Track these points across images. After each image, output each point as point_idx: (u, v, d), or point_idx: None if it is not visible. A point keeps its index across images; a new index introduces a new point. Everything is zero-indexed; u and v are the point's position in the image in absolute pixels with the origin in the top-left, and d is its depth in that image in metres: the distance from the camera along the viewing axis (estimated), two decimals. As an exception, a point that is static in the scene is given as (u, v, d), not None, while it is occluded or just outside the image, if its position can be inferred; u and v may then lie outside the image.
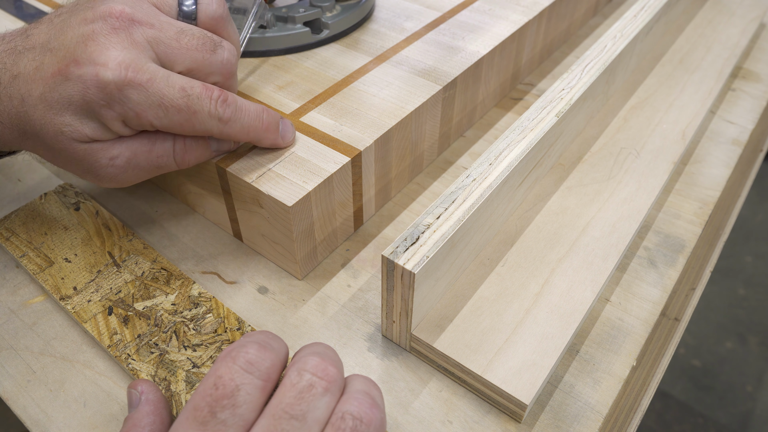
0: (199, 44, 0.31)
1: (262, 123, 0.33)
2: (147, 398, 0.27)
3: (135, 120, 0.30)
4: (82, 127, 0.30)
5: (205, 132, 0.31)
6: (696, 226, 0.41)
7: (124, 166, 0.31)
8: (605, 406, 0.31)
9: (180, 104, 0.30)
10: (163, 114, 0.30)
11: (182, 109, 0.30)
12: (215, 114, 0.31)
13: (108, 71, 0.28)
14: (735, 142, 0.48)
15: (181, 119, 0.30)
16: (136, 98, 0.29)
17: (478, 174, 0.33)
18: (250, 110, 0.32)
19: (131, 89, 0.29)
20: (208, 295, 0.35)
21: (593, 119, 0.46)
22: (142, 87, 0.29)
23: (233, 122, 0.32)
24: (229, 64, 0.33)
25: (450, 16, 0.49)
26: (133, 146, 0.31)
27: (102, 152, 0.31)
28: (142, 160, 0.32)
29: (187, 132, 0.31)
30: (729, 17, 0.59)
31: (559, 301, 0.33)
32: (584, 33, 0.60)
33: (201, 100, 0.30)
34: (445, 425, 0.30)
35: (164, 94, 0.29)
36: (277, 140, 0.34)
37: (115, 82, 0.28)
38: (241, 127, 0.32)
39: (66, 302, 0.34)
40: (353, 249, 0.39)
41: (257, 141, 0.34)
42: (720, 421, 1.14)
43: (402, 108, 0.39)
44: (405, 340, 0.33)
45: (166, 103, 0.29)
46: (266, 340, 0.24)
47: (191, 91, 0.30)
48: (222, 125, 0.31)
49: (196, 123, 0.31)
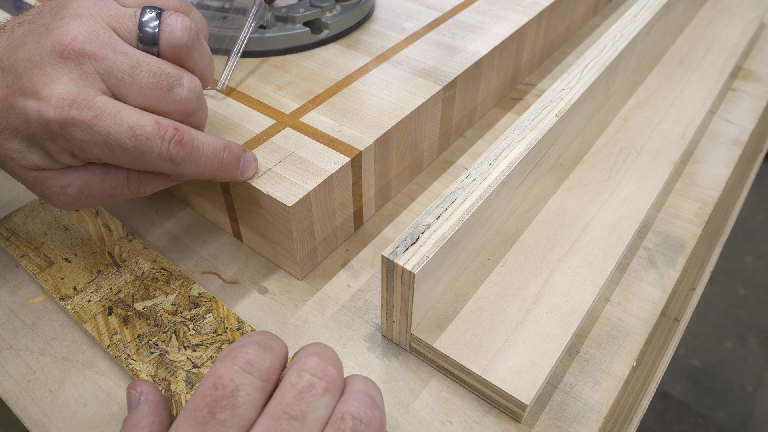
0: (154, 82, 0.29)
1: (221, 163, 0.31)
2: (146, 399, 0.27)
3: (81, 154, 0.29)
4: (30, 156, 0.28)
5: (156, 170, 0.30)
6: (696, 226, 0.41)
7: (76, 194, 0.30)
8: (605, 406, 0.31)
9: (127, 145, 0.28)
10: (109, 152, 0.28)
11: (129, 149, 0.28)
12: (166, 156, 0.29)
13: (50, 109, 0.27)
14: (735, 142, 0.48)
15: (128, 158, 0.29)
16: (80, 136, 0.27)
17: (478, 174, 0.33)
18: (208, 150, 0.30)
19: (74, 127, 0.27)
20: (208, 295, 0.35)
21: (593, 119, 0.46)
22: (87, 125, 0.27)
23: (187, 164, 0.30)
24: (187, 102, 0.30)
25: (450, 16, 0.49)
26: (84, 176, 0.30)
27: (52, 180, 0.29)
28: (94, 190, 0.31)
29: (138, 169, 0.30)
30: (729, 17, 0.59)
31: (559, 301, 0.33)
32: (584, 33, 0.60)
33: (151, 141, 0.28)
34: (445, 425, 0.30)
35: (110, 132, 0.27)
36: (236, 177, 0.33)
37: (57, 120, 0.27)
38: (196, 167, 0.30)
39: (66, 302, 0.34)
40: (353, 249, 0.39)
41: (214, 179, 0.32)
42: (720, 421, 1.14)
43: (402, 108, 0.39)
44: (405, 340, 0.33)
45: (112, 142, 0.28)
46: (266, 340, 0.24)
47: (141, 131, 0.28)
48: (174, 166, 0.29)
49: (146, 163, 0.29)
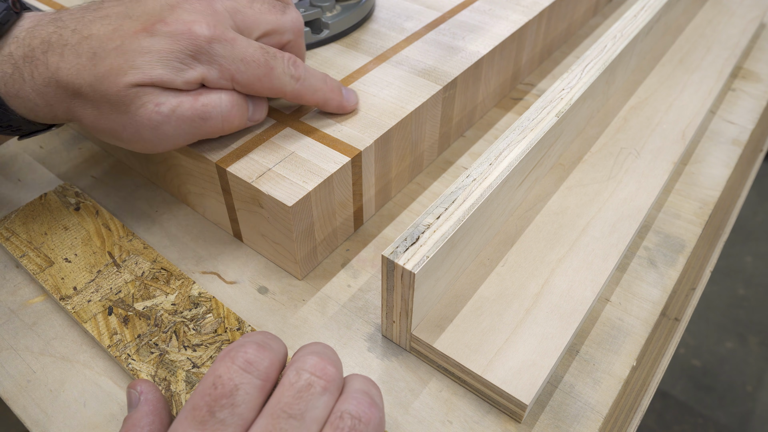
0: (270, 8, 0.35)
1: (327, 85, 0.36)
2: (146, 398, 0.27)
3: (217, 73, 0.32)
4: (150, 70, 0.30)
5: (279, 89, 0.34)
6: (696, 226, 0.41)
7: (167, 113, 0.32)
8: (605, 406, 0.31)
9: (260, 59, 0.33)
10: (244, 68, 0.32)
11: (262, 64, 0.33)
12: (288, 71, 0.34)
13: (200, 26, 0.31)
14: (735, 142, 0.48)
15: (260, 73, 0.33)
16: (223, 52, 0.32)
17: (478, 174, 0.33)
18: (317, 73, 0.36)
19: (219, 44, 0.31)
20: (208, 295, 0.35)
21: (593, 119, 0.46)
22: (228, 43, 0.32)
23: (304, 81, 0.35)
24: (299, 21, 0.36)
25: (450, 16, 0.49)
26: (180, 96, 0.32)
27: (150, 96, 0.31)
28: (186, 109, 0.32)
29: (264, 88, 0.33)
30: (729, 17, 0.59)
31: (559, 301, 0.33)
32: (584, 33, 0.60)
33: (277, 58, 0.33)
34: (445, 425, 0.30)
35: (246, 50, 0.32)
36: (342, 103, 0.37)
37: (206, 36, 0.31)
38: (310, 86, 0.35)
39: (66, 302, 0.34)
40: (353, 249, 0.39)
41: (324, 102, 0.36)
42: (720, 421, 1.14)
43: (402, 108, 0.39)
44: (405, 340, 0.33)
45: (248, 58, 0.32)
46: (265, 340, 0.24)
47: (269, 49, 0.33)
48: (294, 82, 0.34)
49: (273, 78, 0.33)
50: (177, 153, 0.38)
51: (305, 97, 0.35)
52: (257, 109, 0.36)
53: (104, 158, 0.45)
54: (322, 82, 0.36)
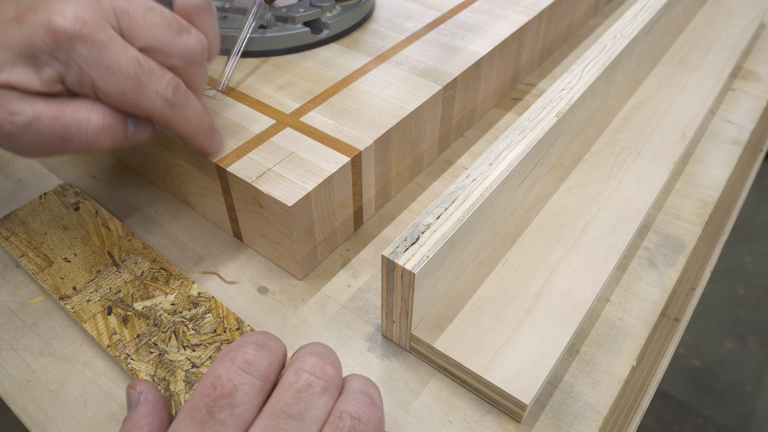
0: (165, 24, 0.30)
1: (203, 124, 0.33)
2: (146, 398, 0.27)
3: (75, 77, 0.28)
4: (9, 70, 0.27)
5: (147, 109, 0.30)
6: (696, 226, 0.41)
7: (22, 126, 0.28)
8: (605, 406, 0.31)
9: (130, 72, 0.28)
10: (108, 77, 0.28)
11: (130, 77, 0.28)
12: (163, 93, 0.30)
13: (62, 19, 0.27)
14: (735, 142, 0.48)
15: (126, 87, 0.29)
16: (85, 54, 0.27)
17: (478, 174, 0.33)
18: (197, 107, 0.32)
19: (82, 44, 0.27)
20: (207, 295, 0.35)
21: (593, 119, 0.46)
22: (95, 45, 0.28)
23: (178, 109, 0.31)
24: (192, 50, 0.31)
25: (450, 16, 0.49)
26: (38, 106, 0.28)
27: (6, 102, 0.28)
28: (44, 125, 0.28)
29: (129, 104, 0.30)
30: (729, 17, 0.59)
31: (559, 301, 0.33)
32: (584, 33, 0.60)
33: (153, 76, 0.29)
34: (445, 425, 0.30)
35: (116, 58, 0.28)
36: (206, 144, 0.34)
37: (67, 31, 0.27)
38: (185, 117, 0.31)
39: (65, 302, 0.34)
40: (353, 249, 0.39)
41: (192, 137, 0.33)
42: (720, 421, 1.14)
43: (402, 108, 0.39)
44: (405, 340, 0.33)
45: (116, 67, 0.28)
46: (264, 340, 0.24)
47: (145, 64, 0.29)
48: (167, 108, 0.30)
49: (141, 96, 0.29)
50: (177, 153, 0.38)
51: (174, 127, 0.32)
52: (139, 128, 0.32)
53: (104, 158, 0.45)
54: (197, 119, 0.32)
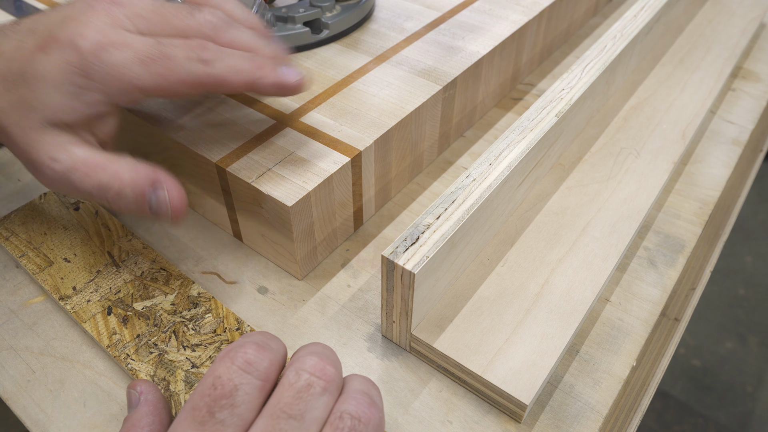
0: (176, 12, 0.31)
1: (254, 62, 0.31)
2: (146, 398, 0.27)
3: (116, 86, 0.29)
4: (50, 100, 0.28)
5: (190, 79, 0.30)
6: (696, 226, 0.41)
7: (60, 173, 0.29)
8: (605, 406, 0.31)
9: (155, 53, 0.29)
10: (142, 70, 0.29)
11: (158, 56, 0.29)
12: (194, 56, 0.29)
13: (84, 39, 0.28)
14: (735, 142, 0.48)
15: (161, 69, 0.29)
16: (113, 59, 0.28)
17: (478, 174, 0.33)
18: (238, 53, 0.31)
19: (106, 52, 0.28)
20: (207, 295, 0.35)
21: (593, 119, 0.46)
22: (117, 48, 0.28)
23: (217, 62, 0.30)
24: (210, 23, 0.31)
25: (450, 16, 0.49)
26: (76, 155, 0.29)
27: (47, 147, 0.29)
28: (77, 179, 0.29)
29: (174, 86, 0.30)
30: (729, 17, 0.59)
31: (559, 301, 0.33)
32: (584, 33, 0.60)
33: (176, 47, 0.29)
34: (445, 425, 0.30)
35: (139, 48, 0.29)
36: (279, 78, 0.31)
37: (92, 45, 0.28)
38: (229, 66, 0.30)
39: (65, 302, 0.34)
40: (353, 249, 0.39)
41: (254, 83, 0.31)
42: (720, 421, 1.14)
43: (402, 108, 0.39)
44: (405, 340, 0.33)
45: (142, 56, 0.29)
46: (264, 340, 0.24)
47: (166, 41, 0.30)
48: (205, 66, 0.30)
49: (176, 69, 0.29)
50: (177, 153, 0.38)
51: (228, 81, 0.30)
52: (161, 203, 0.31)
53: (104, 158, 0.45)
54: (246, 61, 0.31)
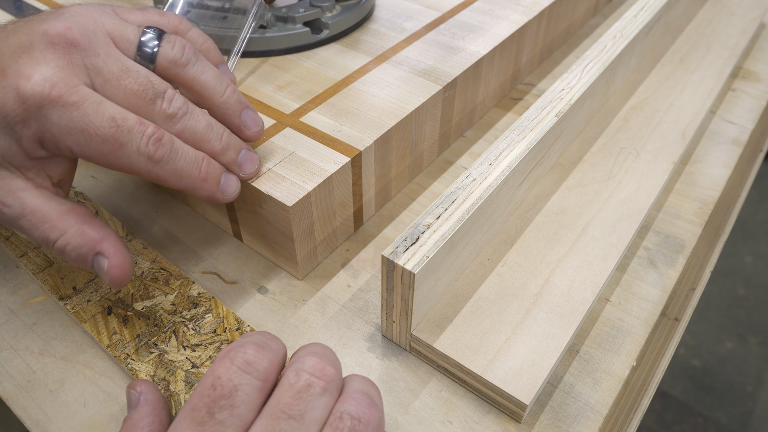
0: (140, 90, 0.28)
1: (199, 171, 0.30)
2: (146, 398, 0.27)
3: (52, 143, 0.27)
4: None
5: (131, 169, 0.29)
6: (696, 226, 0.41)
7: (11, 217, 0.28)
8: (605, 406, 0.31)
9: (106, 134, 0.27)
10: (85, 142, 0.27)
11: (108, 139, 0.27)
12: (145, 151, 0.28)
13: (29, 84, 0.26)
14: (735, 142, 0.48)
15: (105, 150, 0.27)
16: (56, 119, 0.26)
17: (478, 174, 0.33)
18: (188, 155, 0.30)
19: (52, 108, 0.26)
20: (207, 295, 0.35)
21: (593, 119, 0.46)
22: (66, 108, 0.26)
23: (165, 164, 0.29)
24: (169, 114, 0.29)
25: (450, 16, 0.49)
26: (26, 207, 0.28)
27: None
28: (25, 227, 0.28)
29: (112, 166, 0.29)
30: (729, 17, 0.59)
31: (559, 301, 0.33)
32: (584, 33, 0.60)
33: (132, 134, 0.28)
34: (445, 425, 0.30)
35: (90, 120, 0.27)
36: (216, 194, 0.31)
37: (34, 97, 0.26)
38: (174, 170, 0.29)
39: (65, 302, 0.34)
40: (353, 249, 0.39)
41: (192, 190, 0.30)
42: (720, 421, 1.14)
43: (402, 108, 0.39)
44: (405, 340, 0.33)
45: (91, 130, 0.27)
46: (264, 340, 0.24)
47: (122, 122, 0.27)
48: (152, 165, 0.28)
49: (122, 157, 0.28)
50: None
51: (166, 181, 0.30)
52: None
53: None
54: (192, 167, 0.30)
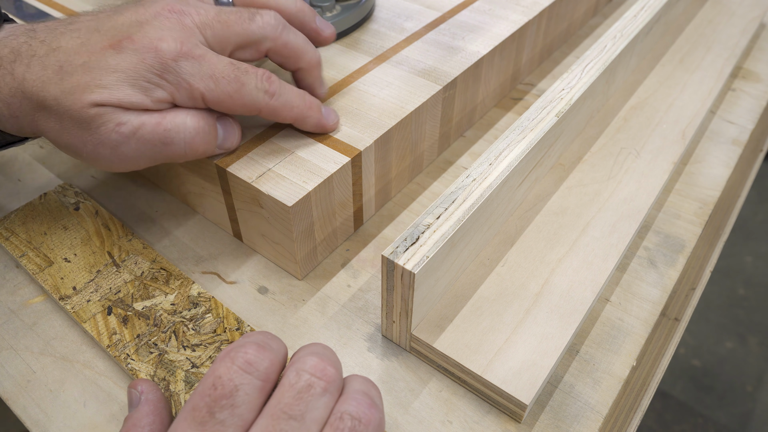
0: (237, 18, 0.33)
1: (305, 102, 0.35)
2: (147, 398, 0.27)
3: (186, 93, 0.31)
4: (116, 91, 0.30)
5: (252, 105, 0.33)
6: (696, 226, 0.41)
7: (128, 134, 0.31)
8: (605, 406, 0.31)
9: (230, 75, 0.32)
10: (214, 85, 0.31)
11: (232, 79, 0.32)
12: (262, 87, 0.33)
13: (165, 43, 0.30)
14: (735, 142, 0.48)
15: (230, 90, 0.32)
16: (190, 69, 0.31)
17: (478, 174, 0.33)
18: (294, 89, 0.35)
19: (186, 61, 0.31)
20: (207, 295, 0.35)
21: (593, 119, 0.46)
22: (196, 60, 0.31)
23: (278, 96, 0.33)
24: (269, 25, 0.34)
25: (450, 16, 0.49)
26: (143, 117, 0.31)
27: (112, 115, 0.30)
28: (148, 132, 0.31)
29: (235, 105, 0.32)
30: (729, 17, 0.59)
31: (559, 301, 0.33)
32: (584, 33, 0.60)
33: (248, 73, 0.32)
34: (445, 425, 0.30)
35: (216, 66, 0.31)
36: (321, 121, 0.36)
37: (172, 52, 0.30)
38: (286, 102, 0.34)
39: (65, 302, 0.34)
40: (353, 249, 0.39)
41: (302, 119, 0.35)
42: (720, 421, 1.14)
43: (402, 108, 0.39)
44: (405, 340, 0.33)
45: (218, 74, 0.31)
46: (265, 340, 0.24)
47: (239, 65, 0.32)
48: (268, 98, 0.33)
49: (245, 94, 0.32)
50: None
51: (281, 114, 0.34)
52: (228, 136, 0.34)
53: (104, 158, 0.45)
54: (299, 99, 0.35)
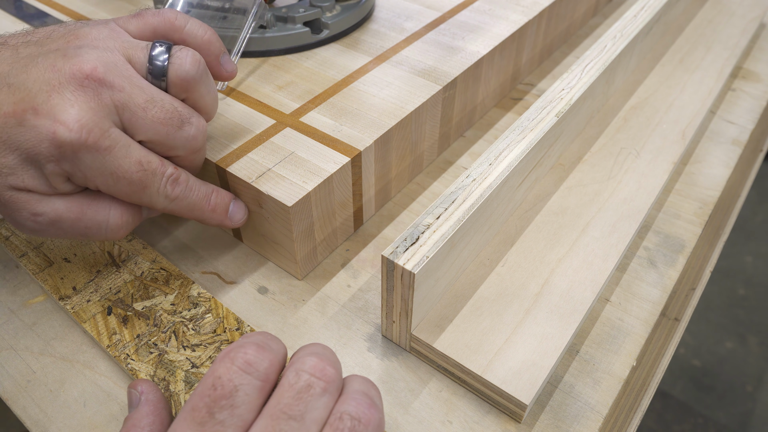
0: (166, 118, 0.30)
1: (209, 203, 0.33)
2: (147, 398, 0.27)
3: (80, 181, 0.29)
4: (21, 174, 0.28)
5: (149, 204, 0.31)
6: (696, 226, 0.41)
7: (45, 224, 0.29)
8: (605, 406, 0.31)
9: (133, 177, 0.29)
10: (113, 182, 0.29)
11: (134, 182, 0.29)
12: (164, 192, 0.31)
13: (67, 131, 0.27)
14: (735, 142, 0.48)
15: (129, 190, 0.30)
16: (90, 162, 0.28)
17: (478, 174, 0.33)
18: (200, 191, 0.33)
19: (87, 153, 0.28)
20: (207, 295, 0.35)
21: (593, 119, 0.46)
22: (99, 153, 0.28)
23: (180, 201, 0.32)
24: (194, 140, 0.31)
25: (450, 16, 0.49)
26: (59, 208, 0.29)
27: (27, 205, 0.29)
28: (67, 226, 0.30)
29: (132, 201, 0.31)
30: (729, 17, 0.59)
31: (559, 301, 0.33)
32: (584, 33, 0.60)
33: (155, 176, 0.30)
34: (445, 425, 0.30)
35: (120, 163, 0.29)
36: (224, 221, 0.34)
37: (72, 143, 0.27)
38: (187, 205, 0.32)
39: (65, 302, 0.34)
40: (353, 249, 0.39)
41: (201, 220, 0.34)
42: (720, 421, 1.14)
43: (402, 108, 0.39)
44: (405, 340, 0.33)
45: (120, 173, 0.29)
46: (264, 340, 0.24)
47: (147, 165, 0.30)
48: (168, 202, 0.31)
49: (143, 196, 0.30)
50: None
51: (180, 214, 0.33)
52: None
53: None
54: (203, 201, 0.33)
